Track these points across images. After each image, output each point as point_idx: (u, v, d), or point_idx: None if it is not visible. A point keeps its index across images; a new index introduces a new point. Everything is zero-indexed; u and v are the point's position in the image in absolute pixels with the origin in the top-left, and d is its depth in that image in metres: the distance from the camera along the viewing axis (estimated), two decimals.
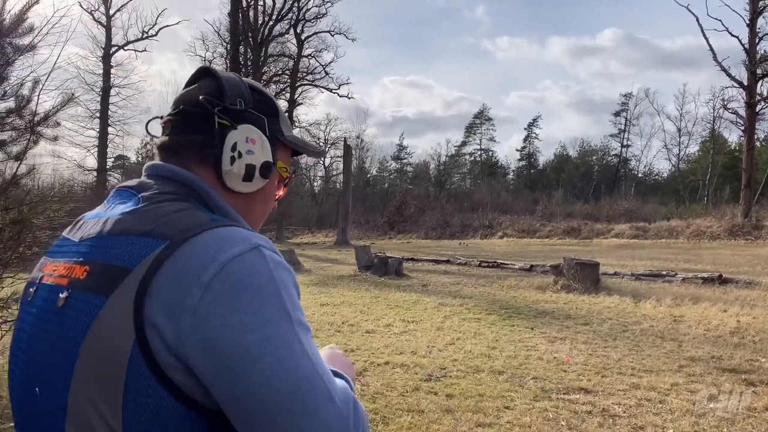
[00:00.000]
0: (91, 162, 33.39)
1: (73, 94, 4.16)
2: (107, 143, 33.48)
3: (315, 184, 50.21)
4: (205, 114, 0.92)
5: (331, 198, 43.14)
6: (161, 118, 0.99)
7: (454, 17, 73.85)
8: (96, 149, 33.09)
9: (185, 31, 56.68)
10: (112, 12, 33.20)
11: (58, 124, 3.91)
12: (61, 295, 0.81)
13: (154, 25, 33.05)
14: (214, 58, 34.50)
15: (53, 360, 0.79)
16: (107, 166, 35.24)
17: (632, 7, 67.11)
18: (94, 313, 0.76)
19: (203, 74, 0.99)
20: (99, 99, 32.45)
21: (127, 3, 33.14)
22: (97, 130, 32.86)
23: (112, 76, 32.91)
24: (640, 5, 66.26)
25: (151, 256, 0.75)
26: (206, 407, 0.75)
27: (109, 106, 32.94)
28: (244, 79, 1.00)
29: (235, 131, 0.92)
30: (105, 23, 33.12)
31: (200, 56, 35.13)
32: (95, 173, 33.09)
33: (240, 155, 0.92)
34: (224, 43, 33.24)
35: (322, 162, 47.44)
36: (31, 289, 0.89)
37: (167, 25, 35.80)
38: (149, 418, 0.73)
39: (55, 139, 3.99)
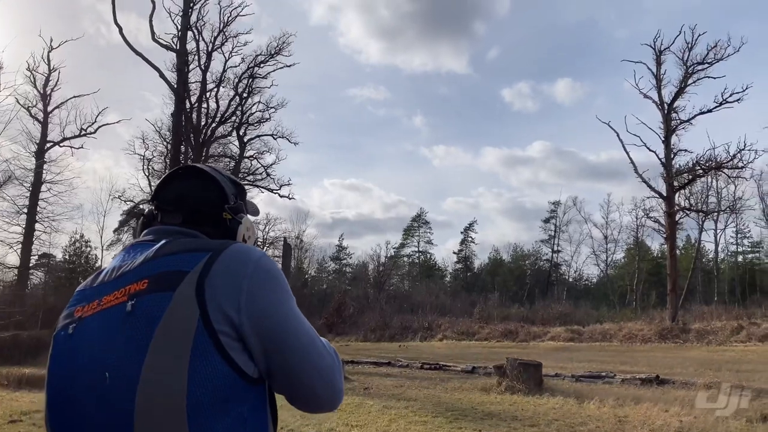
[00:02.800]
0: (13, 259, 31.63)
1: (12, 175, 3.98)
2: (33, 240, 31.98)
3: None
4: (215, 212, 1.25)
5: None
6: (150, 203, 1.29)
7: (394, 125, 77.15)
8: (20, 246, 31.50)
9: (123, 128, 56.46)
10: (50, 109, 32.85)
11: None
12: (128, 304, 1.02)
13: (93, 123, 32.84)
14: (153, 156, 34.33)
15: (127, 348, 0.99)
16: (30, 264, 33.45)
17: (559, 122, 72.04)
18: (165, 303, 0.99)
19: (195, 173, 1.29)
20: (28, 194, 31.33)
21: (66, 101, 32.98)
22: (23, 226, 31.45)
23: (44, 171, 32.03)
24: (567, 121, 71.21)
25: (202, 261, 1.04)
26: (251, 376, 1.04)
27: (39, 202, 31.79)
28: (222, 172, 1.34)
29: (242, 225, 1.28)
30: (42, 119, 32.63)
31: (139, 155, 34.85)
32: (16, 270, 31.30)
33: (245, 240, 1.28)
34: (165, 142, 33.23)
35: None
36: (71, 326, 1.10)
37: (107, 124, 35.41)
38: (206, 375, 0.97)
39: None
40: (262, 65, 32.12)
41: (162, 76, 28.13)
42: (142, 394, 0.96)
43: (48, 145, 32.56)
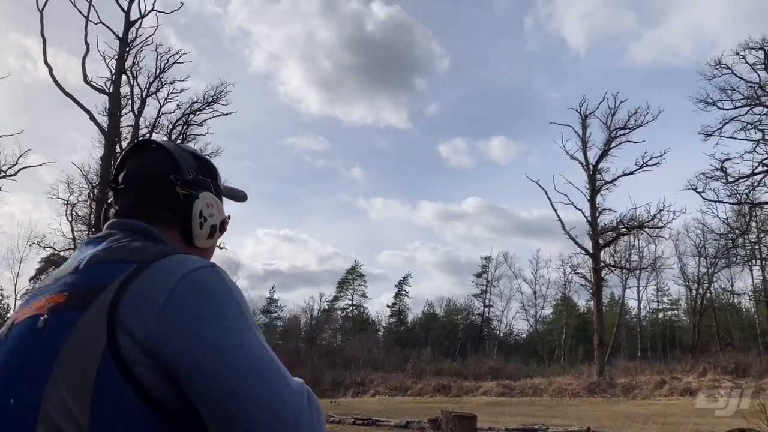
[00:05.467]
0: None
1: None
2: None
3: None
4: (166, 186, 1.09)
5: None
6: (113, 186, 1.13)
7: (331, 176, 77.55)
8: None
9: (46, 171, 54.12)
10: None
11: None
12: (41, 319, 0.89)
13: (14, 165, 31.28)
14: (78, 201, 32.95)
15: (32, 371, 0.86)
16: None
17: (492, 179, 74.51)
18: (73, 323, 0.86)
19: (147, 147, 1.15)
20: None
21: None
22: None
23: None
24: (501, 178, 73.80)
25: (125, 273, 0.89)
26: (165, 407, 0.85)
27: None
28: (182, 146, 1.18)
29: (199, 200, 1.11)
30: None
31: (62, 199, 33.35)
32: None
33: (205, 219, 1.12)
34: (91, 186, 32.02)
35: None
36: (4, 332, 0.96)
37: (29, 166, 33.75)
38: (113, 414, 0.82)
39: None
40: (198, 113, 31.80)
41: (93, 119, 27.31)
42: (42, 430, 0.82)
43: None
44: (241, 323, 0.88)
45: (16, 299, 37.30)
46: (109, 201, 1.15)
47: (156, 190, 1.09)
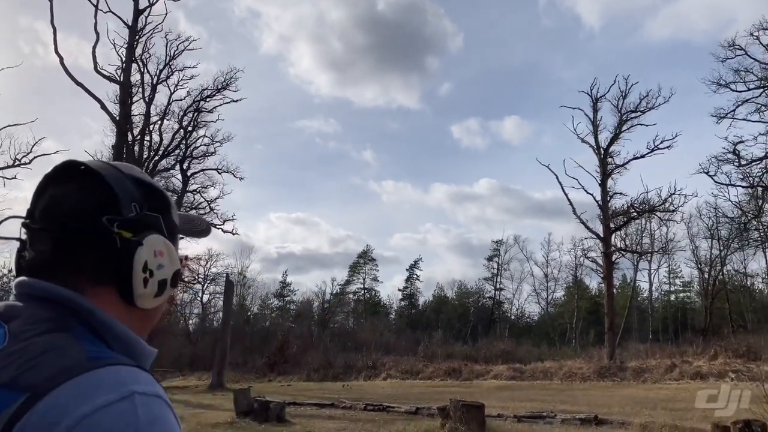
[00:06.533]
0: None
1: None
2: None
3: (190, 322, 47.68)
4: (98, 230, 0.79)
5: (207, 337, 40.90)
6: (22, 218, 0.84)
7: (343, 159, 77.56)
8: None
9: (60, 157, 54.72)
10: None
11: None
12: None
13: (28, 153, 31.59)
14: None
15: None
16: None
17: (505, 160, 74.07)
18: None
19: (76, 172, 0.83)
20: None
21: (0, 129, 31.69)
22: None
23: None
24: (513, 159, 73.37)
25: (6, 413, 0.62)
26: None
27: None
28: (122, 169, 0.87)
29: (142, 248, 0.81)
30: None
31: None
32: None
33: (152, 274, 0.82)
34: None
35: (199, 299, 45.55)
36: None
37: (44, 154, 34.14)
38: None
39: None
40: (208, 99, 31.93)
41: (104, 107, 27.53)
42: None
43: None
44: None
45: None
46: (24, 239, 0.85)
47: (82, 235, 0.80)
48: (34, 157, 31.78)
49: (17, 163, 31.57)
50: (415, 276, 56.89)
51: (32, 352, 0.68)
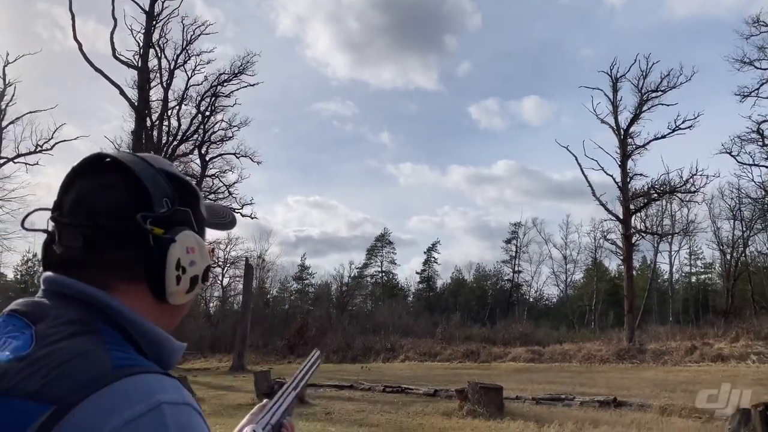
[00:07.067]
0: None
1: None
2: None
3: (211, 305, 48.30)
4: (130, 227, 0.78)
5: (227, 320, 41.42)
6: (50, 210, 0.84)
7: (360, 142, 77.42)
8: None
9: (80, 142, 55.02)
10: (4, 124, 31.96)
11: None
12: None
13: (50, 140, 32.00)
14: None
15: None
16: None
17: (524, 141, 73.35)
18: None
19: (105, 166, 0.83)
20: None
21: (22, 116, 32.14)
22: None
23: None
24: (532, 140, 72.63)
25: (33, 427, 0.62)
26: None
27: None
28: (152, 163, 0.85)
29: (175, 244, 0.81)
30: None
31: None
32: None
33: (184, 271, 0.82)
34: None
35: (220, 282, 46.04)
36: None
37: (64, 140, 34.55)
38: None
39: None
40: (225, 84, 32.00)
41: (123, 93, 27.78)
42: None
43: (1, 161, 31.64)
44: None
45: None
46: (48, 233, 0.84)
47: (114, 232, 0.79)
48: (56, 143, 32.26)
49: (39, 149, 32.07)
50: (432, 259, 56.98)
51: (58, 359, 0.68)
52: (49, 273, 0.80)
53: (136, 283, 0.81)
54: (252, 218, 33.73)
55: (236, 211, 34.41)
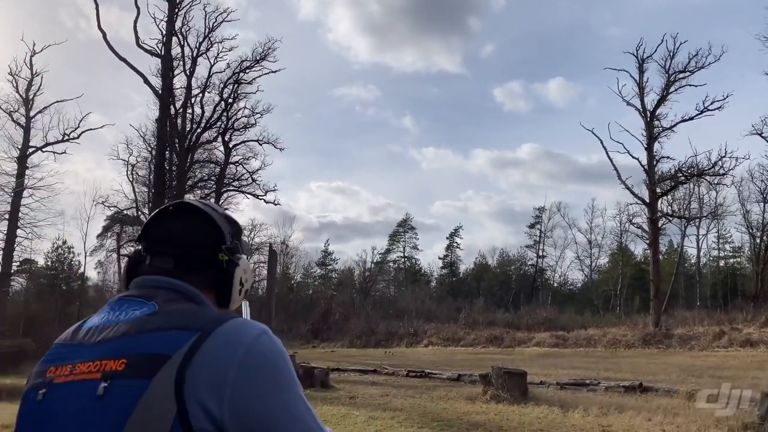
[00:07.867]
0: None
1: None
2: (14, 246, 31.58)
3: None
4: (209, 255, 1.13)
5: (252, 305, 41.19)
6: (142, 243, 1.15)
7: (382, 126, 76.91)
8: (1, 252, 31.14)
9: (106, 130, 55.58)
10: (32, 114, 32.49)
11: None
12: (101, 386, 0.91)
13: (76, 128, 32.46)
14: (138, 162, 34.15)
15: None
16: (11, 270, 33.04)
17: (549, 124, 72.11)
18: (139, 393, 0.89)
19: (187, 210, 1.17)
20: (9, 200, 30.93)
21: (49, 105, 32.62)
22: (4, 232, 31.06)
23: (26, 177, 31.62)
24: (557, 123, 71.31)
25: (187, 344, 0.92)
26: None
27: (20, 208, 31.40)
28: (217, 209, 1.21)
29: (239, 267, 1.17)
30: (24, 124, 32.26)
31: (123, 160, 34.72)
32: None
33: (242, 284, 1.18)
34: (149, 148, 33.11)
35: None
36: (41, 391, 0.98)
37: (91, 129, 35.02)
38: None
39: None
40: (247, 71, 32.10)
41: (147, 82, 27.98)
42: None
43: (30, 150, 32.20)
44: (295, 393, 0.99)
45: (85, 256, 39.51)
46: (133, 255, 1.16)
47: (199, 256, 1.13)
48: (82, 132, 32.74)
49: (66, 138, 32.59)
50: (455, 244, 56.77)
51: (184, 311, 1.01)
52: (146, 276, 1.10)
53: (207, 292, 1.13)
54: (275, 204, 33.99)
55: (260, 197, 34.69)
